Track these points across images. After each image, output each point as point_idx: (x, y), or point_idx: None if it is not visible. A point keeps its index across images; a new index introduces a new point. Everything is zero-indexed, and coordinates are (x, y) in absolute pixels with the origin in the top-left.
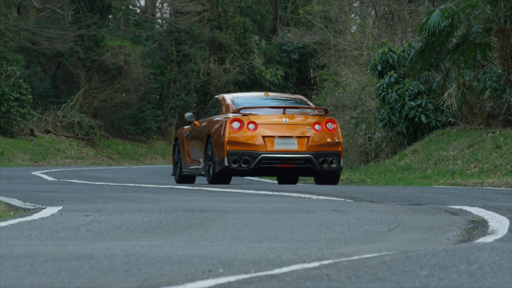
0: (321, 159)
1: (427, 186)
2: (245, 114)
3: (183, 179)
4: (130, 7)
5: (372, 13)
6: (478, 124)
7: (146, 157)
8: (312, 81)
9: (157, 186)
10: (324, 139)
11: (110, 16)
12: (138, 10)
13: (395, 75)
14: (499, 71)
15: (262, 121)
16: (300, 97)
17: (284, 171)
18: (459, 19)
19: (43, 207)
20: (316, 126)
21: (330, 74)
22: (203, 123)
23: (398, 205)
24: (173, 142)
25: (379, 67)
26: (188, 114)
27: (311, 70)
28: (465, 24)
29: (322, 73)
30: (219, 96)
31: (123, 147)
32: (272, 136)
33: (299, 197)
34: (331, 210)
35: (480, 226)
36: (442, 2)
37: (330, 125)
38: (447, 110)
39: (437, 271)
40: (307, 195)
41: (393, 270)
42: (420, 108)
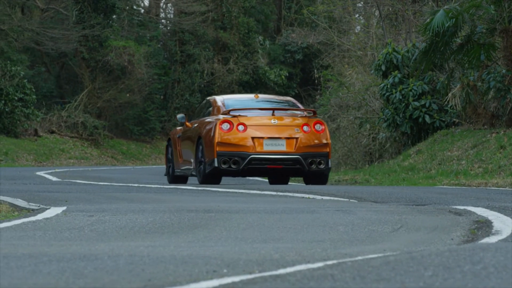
0: (309, 160)
1: (431, 187)
2: (234, 116)
3: (176, 179)
4: (134, 7)
5: (376, 13)
6: (482, 124)
7: (150, 157)
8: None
9: (161, 186)
10: (313, 140)
11: (114, 16)
12: (142, 10)
13: (399, 75)
14: (503, 71)
15: (252, 122)
16: (289, 99)
17: (273, 171)
18: (463, 19)
19: (47, 207)
20: (305, 128)
21: (334, 74)
22: (194, 124)
23: (402, 205)
24: (166, 143)
25: (383, 67)
26: (179, 116)
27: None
28: (469, 24)
29: (326, 73)
30: (210, 98)
31: (127, 147)
32: (261, 137)
33: (303, 197)
34: (335, 210)
35: (484, 227)
36: (446, 2)
37: (318, 126)
38: (451, 110)
39: (441, 271)
40: (311, 196)
41: (397, 271)
42: (424, 109)
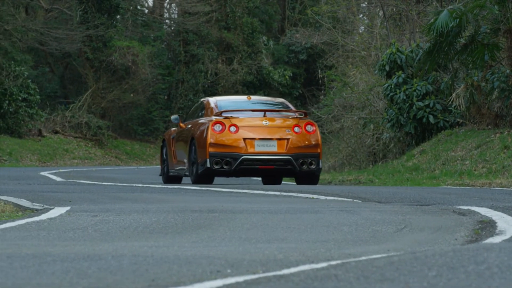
0: (300, 161)
1: (435, 187)
2: (227, 117)
3: (170, 180)
4: (138, 7)
5: (380, 13)
6: (486, 124)
7: (154, 157)
8: (320, 81)
9: (165, 186)
10: (304, 141)
11: (118, 16)
12: (146, 11)
13: (403, 75)
14: (507, 71)
15: (243, 123)
16: (282, 100)
17: (265, 172)
18: (467, 19)
19: (51, 207)
20: (296, 129)
21: (338, 75)
22: (188, 125)
23: (406, 205)
24: (161, 144)
25: (387, 68)
26: (173, 117)
27: (319, 71)
28: (473, 25)
29: (330, 73)
30: (204, 99)
31: (131, 147)
32: (253, 138)
33: (307, 197)
34: (339, 210)
35: (488, 227)
36: (450, 3)
37: (309, 127)
38: (455, 110)
39: (445, 271)
40: (315, 196)
41: (401, 271)
42: (428, 109)
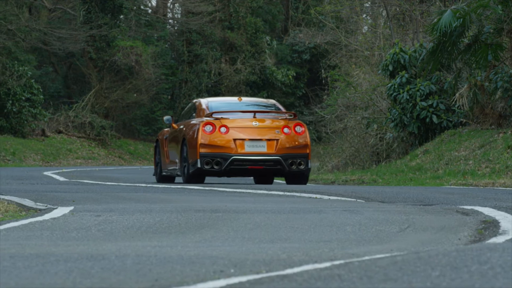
0: (289, 161)
1: (439, 187)
2: (217, 118)
3: (163, 179)
4: (142, 7)
5: (384, 13)
6: (489, 124)
7: None
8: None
9: (168, 186)
10: (293, 142)
11: (122, 16)
12: (150, 11)
13: (406, 75)
14: (511, 71)
15: (234, 124)
16: (272, 101)
17: (255, 172)
18: (471, 19)
19: (55, 207)
20: (285, 130)
21: (342, 75)
22: (180, 126)
23: (410, 205)
24: (154, 144)
25: (391, 68)
26: (166, 117)
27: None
28: (476, 25)
29: (334, 73)
30: (196, 101)
31: (135, 147)
32: (243, 139)
33: (310, 197)
34: (342, 210)
35: (492, 227)
36: (454, 2)
37: (298, 128)
38: (459, 110)
39: (448, 271)
40: (318, 196)
41: (404, 271)
42: (432, 109)
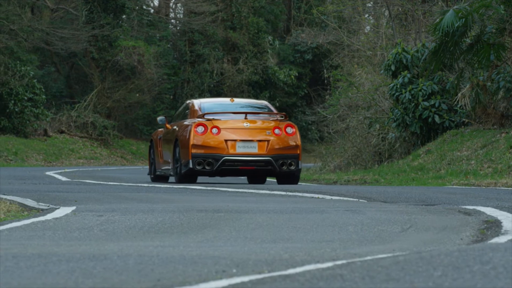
0: (280, 162)
1: (441, 187)
2: (209, 119)
3: (158, 179)
4: (144, 7)
5: (386, 13)
6: (491, 124)
7: None
8: (325, 81)
9: (170, 186)
10: (283, 143)
11: (124, 16)
12: (152, 10)
13: (408, 75)
14: None
15: (225, 126)
16: (264, 102)
17: (246, 172)
18: (473, 19)
19: (57, 207)
20: (276, 131)
21: (344, 75)
22: (173, 126)
23: (412, 205)
24: (149, 144)
25: (393, 67)
26: (159, 118)
27: (325, 71)
28: (479, 24)
29: (336, 73)
30: (189, 102)
31: (137, 147)
32: (234, 140)
33: (312, 197)
34: (344, 210)
35: (494, 226)
36: (456, 2)
37: (289, 129)
38: (461, 110)
39: (450, 271)
40: (320, 195)
41: (406, 271)
42: (434, 109)
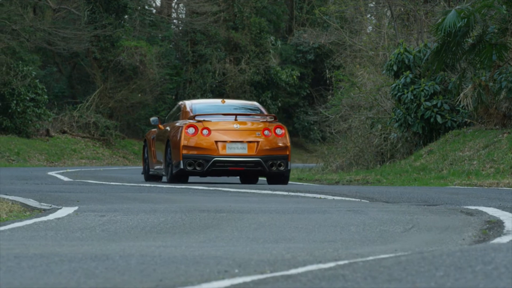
0: (270, 163)
1: (443, 187)
2: (199, 121)
3: (151, 178)
4: (146, 7)
5: (388, 13)
6: (494, 124)
7: None
8: (327, 81)
9: (172, 186)
10: (273, 144)
11: (126, 16)
12: (154, 11)
13: (410, 75)
14: None
15: (215, 127)
16: (255, 104)
17: (236, 173)
18: (475, 19)
19: (59, 207)
20: (266, 132)
21: (346, 75)
22: (166, 127)
23: (414, 205)
24: (143, 144)
25: (395, 68)
26: (152, 118)
27: (327, 71)
28: (481, 25)
29: (338, 73)
30: (181, 103)
31: (139, 147)
32: (224, 141)
33: (314, 197)
34: (346, 210)
35: (496, 227)
36: (458, 3)
37: (279, 130)
38: (463, 110)
39: (452, 271)
40: (322, 196)
41: (408, 271)
42: (436, 109)
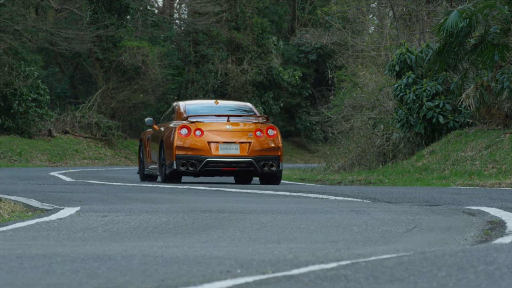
0: (261, 163)
1: (445, 187)
2: (192, 122)
3: (146, 178)
4: (148, 7)
5: (390, 13)
6: (496, 124)
7: None
8: (329, 81)
9: (174, 186)
10: (265, 145)
11: (128, 16)
12: (156, 11)
13: (413, 75)
14: None
15: (208, 128)
16: (248, 105)
17: (228, 173)
18: (477, 19)
19: (61, 207)
20: (258, 133)
21: (348, 75)
22: (160, 127)
23: (416, 205)
24: (138, 144)
25: (397, 68)
26: (147, 119)
27: (329, 71)
28: (483, 25)
29: (340, 73)
30: (175, 104)
31: None
32: (217, 142)
33: (316, 197)
34: (349, 210)
35: (498, 227)
36: (460, 3)
37: (271, 131)
38: (465, 110)
39: (454, 271)
40: (324, 196)
41: (410, 271)
42: (438, 109)
